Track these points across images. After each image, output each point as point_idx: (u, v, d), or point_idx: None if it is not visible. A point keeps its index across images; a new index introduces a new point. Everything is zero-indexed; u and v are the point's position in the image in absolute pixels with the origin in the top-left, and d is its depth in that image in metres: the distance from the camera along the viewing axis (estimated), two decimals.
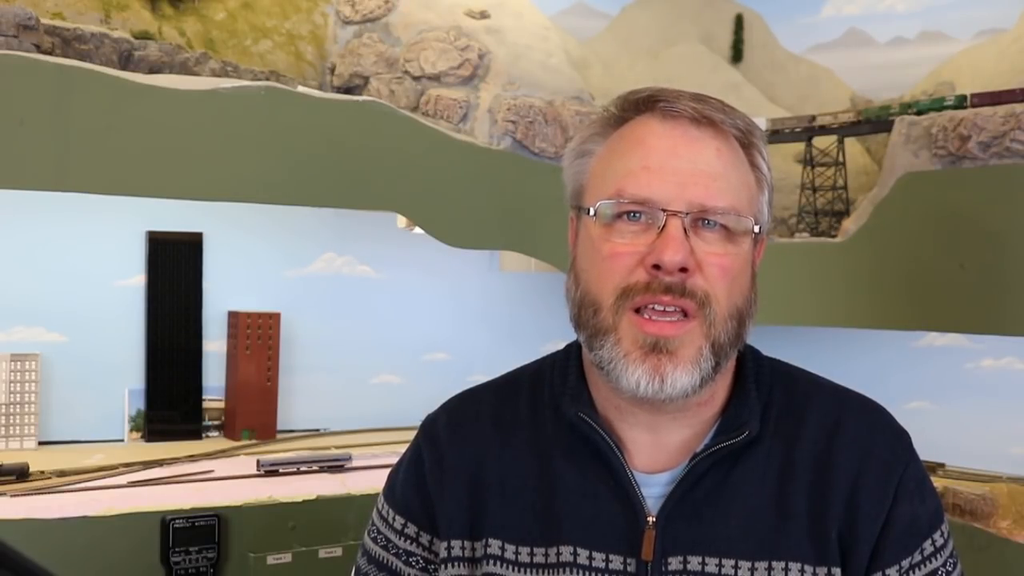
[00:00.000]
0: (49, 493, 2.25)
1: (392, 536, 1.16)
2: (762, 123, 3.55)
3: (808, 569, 1.02)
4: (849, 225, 3.15)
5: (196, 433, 2.94)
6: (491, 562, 1.07)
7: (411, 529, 1.14)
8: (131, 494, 2.29)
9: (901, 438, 1.11)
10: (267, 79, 2.90)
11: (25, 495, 2.21)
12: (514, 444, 1.11)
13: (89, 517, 2.14)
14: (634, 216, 1.00)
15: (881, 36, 3.89)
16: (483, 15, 3.42)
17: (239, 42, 3.16)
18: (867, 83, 3.87)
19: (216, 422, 3.00)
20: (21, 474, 2.31)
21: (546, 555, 1.06)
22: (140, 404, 2.88)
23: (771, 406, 1.09)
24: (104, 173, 2.29)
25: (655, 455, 1.07)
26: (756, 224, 1.04)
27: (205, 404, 2.98)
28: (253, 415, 2.94)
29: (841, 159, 3.43)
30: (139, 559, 2.17)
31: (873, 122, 3.32)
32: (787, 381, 1.13)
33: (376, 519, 1.19)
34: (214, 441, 2.94)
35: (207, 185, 2.43)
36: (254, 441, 2.92)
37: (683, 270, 0.98)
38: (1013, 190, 2.69)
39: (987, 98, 2.93)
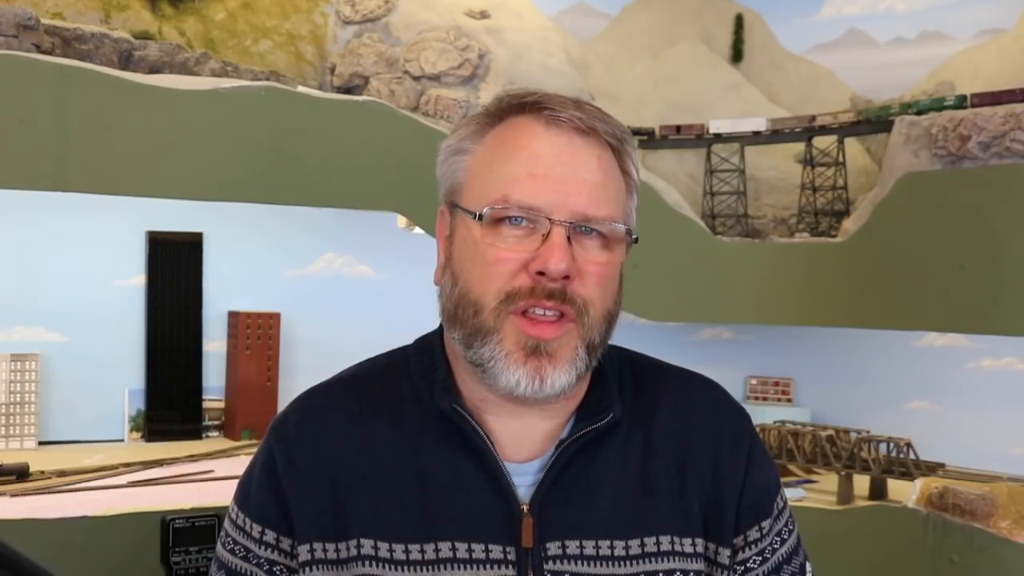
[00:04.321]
0: (49, 493, 2.25)
1: (251, 545, 1.11)
2: (762, 123, 3.55)
3: (676, 540, 1.08)
4: (849, 225, 3.15)
5: (196, 433, 2.94)
6: (365, 563, 1.05)
7: (270, 536, 1.10)
8: (131, 494, 2.29)
9: (742, 413, 1.18)
10: (267, 79, 2.90)
11: (25, 495, 2.21)
12: (374, 440, 1.09)
13: (89, 517, 2.14)
14: (517, 221, 1.03)
15: (881, 36, 3.89)
16: (483, 15, 3.42)
17: (239, 42, 3.16)
18: (867, 83, 3.87)
19: (216, 422, 3.00)
20: (21, 474, 2.31)
21: (422, 551, 1.04)
22: (140, 404, 2.88)
23: (624, 391, 1.13)
24: (104, 173, 2.29)
25: (522, 444, 1.09)
26: (629, 231, 1.08)
27: (205, 404, 2.98)
28: (253, 415, 2.94)
29: (841, 159, 3.43)
30: (139, 559, 2.17)
31: (873, 122, 3.32)
32: (634, 367, 1.18)
33: (230, 529, 1.15)
34: (214, 441, 2.94)
35: (207, 185, 2.43)
36: (254, 441, 2.92)
37: (565, 277, 1.01)
38: (1013, 190, 2.69)
39: (987, 98, 2.94)
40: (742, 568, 1.13)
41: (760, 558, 1.14)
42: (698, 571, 1.08)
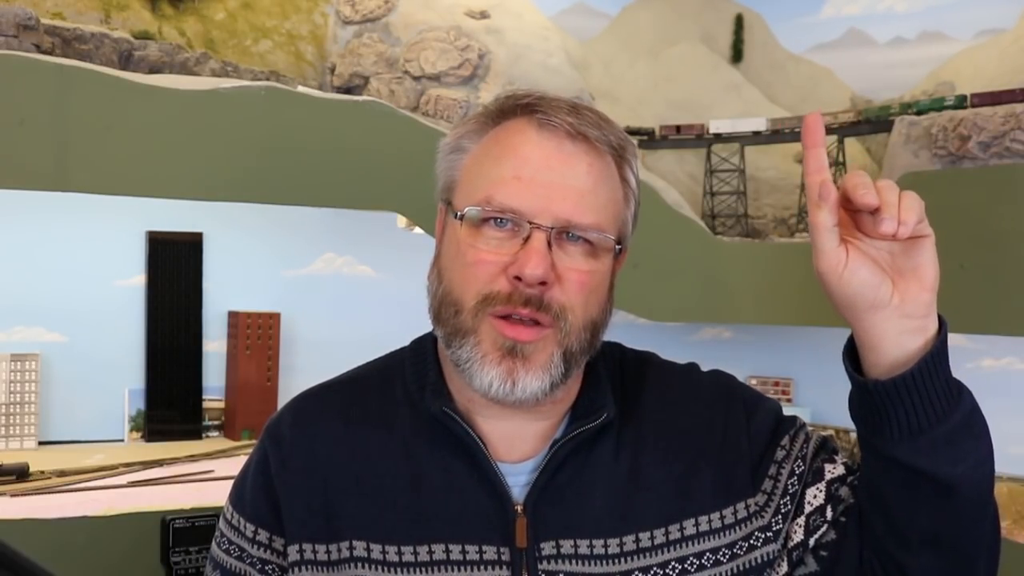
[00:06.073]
0: (49, 493, 2.25)
1: (245, 545, 1.12)
2: (762, 123, 3.55)
3: (658, 531, 1.07)
4: None
5: (196, 433, 2.94)
6: (358, 565, 1.05)
7: (263, 535, 1.11)
8: (131, 494, 2.29)
9: (720, 377, 1.19)
10: (267, 79, 2.91)
11: (25, 495, 2.21)
12: (369, 443, 1.10)
13: (89, 517, 2.14)
14: (500, 223, 1.02)
15: (881, 36, 3.89)
16: (483, 15, 3.42)
17: (239, 42, 3.17)
18: (867, 83, 3.87)
19: (216, 422, 3.00)
20: (21, 474, 2.31)
21: (416, 553, 1.05)
22: (140, 404, 2.88)
23: (614, 388, 1.13)
24: (104, 173, 2.29)
25: (514, 444, 1.09)
26: (619, 242, 1.07)
27: (205, 404, 2.98)
28: (253, 415, 2.94)
29: (841, 159, 3.43)
30: (139, 559, 2.17)
31: (873, 122, 3.32)
32: (623, 363, 1.18)
33: (225, 529, 1.16)
34: (214, 441, 2.93)
35: (207, 185, 2.43)
36: (254, 441, 2.91)
37: (543, 283, 1.00)
38: (1013, 190, 2.69)
39: (987, 98, 2.94)
40: (789, 499, 1.11)
41: (796, 479, 1.12)
42: (698, 553, 1.07)
